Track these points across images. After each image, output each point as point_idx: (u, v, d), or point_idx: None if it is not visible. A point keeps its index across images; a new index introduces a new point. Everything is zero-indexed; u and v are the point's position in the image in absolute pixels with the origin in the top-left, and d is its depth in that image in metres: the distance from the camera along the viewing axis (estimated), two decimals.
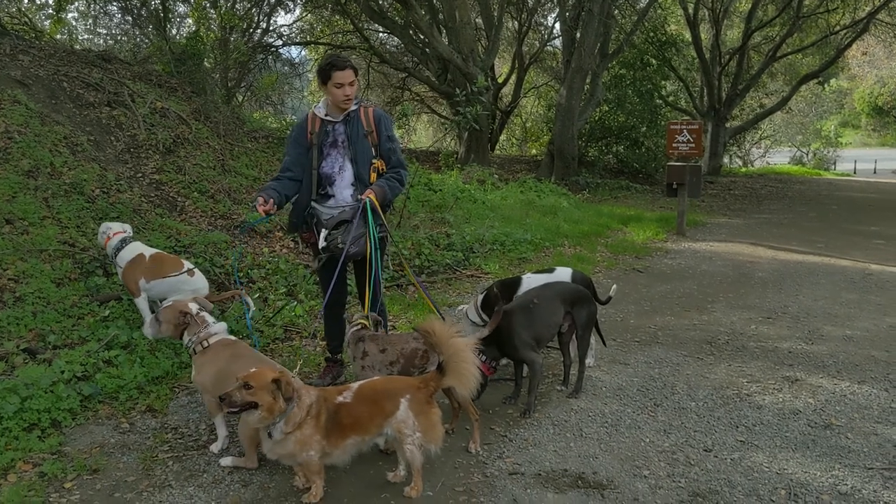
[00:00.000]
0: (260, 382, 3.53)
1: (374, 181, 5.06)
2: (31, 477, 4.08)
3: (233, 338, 4.52)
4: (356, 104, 5.11)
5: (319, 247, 5.08)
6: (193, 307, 4.49)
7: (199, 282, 6.03)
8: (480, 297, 5.77)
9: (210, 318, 4.51)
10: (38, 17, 17.46)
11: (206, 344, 4.35)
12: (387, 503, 3.88)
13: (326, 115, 5.11)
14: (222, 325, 4.54)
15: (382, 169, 5.13)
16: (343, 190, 5.09)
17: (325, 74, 5.00)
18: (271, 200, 4.90)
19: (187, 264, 6.10)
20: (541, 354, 5.25)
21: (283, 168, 5.22)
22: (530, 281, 6.03)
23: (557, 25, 25.10)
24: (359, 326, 4.71)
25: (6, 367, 5.15)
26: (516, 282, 6.02)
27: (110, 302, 6.42)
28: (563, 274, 6.19)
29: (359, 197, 4.97)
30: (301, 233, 5.31)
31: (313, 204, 5.13)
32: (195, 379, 4.40)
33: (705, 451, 4.52)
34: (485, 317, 5.62)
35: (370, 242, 4.96)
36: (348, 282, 5.61)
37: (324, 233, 5.01)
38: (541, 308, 5.18)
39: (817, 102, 48.10)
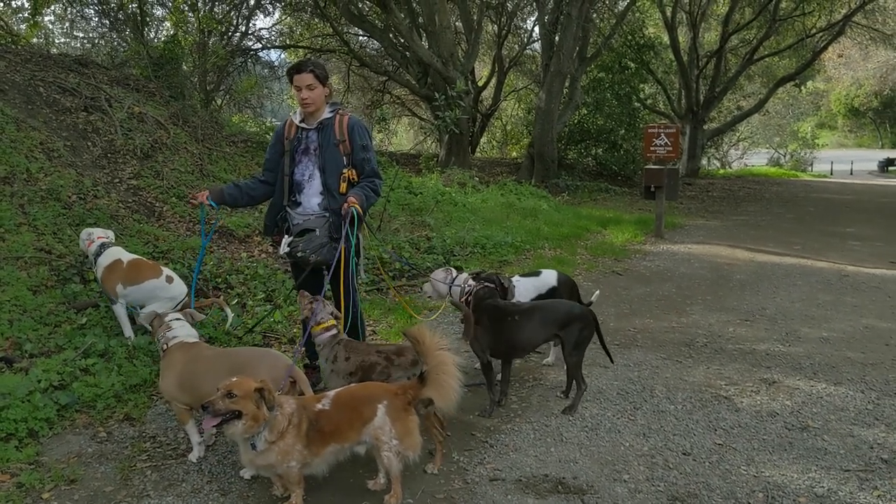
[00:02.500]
0: (243, 391, 3.51)
1: (343, 191, 5.00)
2: (9, 488, 4.04)
3: (192, 340, 4.48)
4: (331, 111, 5.10)
5: (281, 252, 5.11)
6: (171, 315, 4.49)
7: (178, 288, 5.98)
8: (470, 280, 5.67)
9: (177, 324, 4.49)
10: (13, 20, 17.27)
11: (165, 347, 4.34)
12: None
13: (301, 122, 5.11)
14: (186, 329, 4.50)
15: (354, 179, 5.06)
16: (311, 198, 5.09)
17: (289, 78, 5.10)
18: (205, 193, 5.10)
19: (166, 271, 6.05)
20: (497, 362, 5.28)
21: (265, 169, 5.32)
22: (519, 286, 6.04)
23: (537, 29, 25.21)
24: (334, 331, 4.69)
25: None
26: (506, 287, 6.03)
27: (87, 309, 6.37)
28: (549, 276, 6.22)
29: (342, 206, 4.91)
30: (274, 236, 5.32)
31: (286, 209, 5.15)
32: (160, 386, 4.40)
33: (684, 454, 4.55)
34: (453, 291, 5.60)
35: (352, 250, 4.98)
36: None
37: (286, 238, 5.03)
38: (517, 326, 5.14)
39: (794, 104, 48.65)
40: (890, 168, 44.67)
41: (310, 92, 4.96)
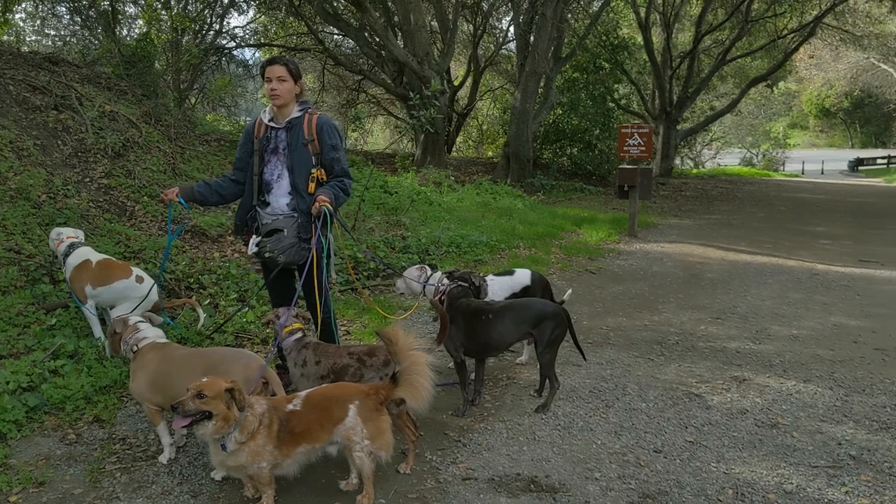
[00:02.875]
0: (213, 391, 3.49)
1: (311, 191, 4.97)
2: None
3: (163, 340, 4.45)
4: (300, 110, 5.07)
5: (249, 252, 5.09)
6: (132, 318, 4.46)
7: (146, 288, 5.92)
8: (445, 279, 5.70)
9: (144, 326, 4.46)
10: None
11: (135, 349, 4.31)
12: None
13: (270, 121, 5.08)
14: (154, 330, 4.48)
15: (323, 179, 5.03)
16: (279, 198, 5.06)
17: (261, 72, 5.11)
18: (174, 190, 5.11)
19: (136, 270, 5.99)
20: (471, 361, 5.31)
21: (234, 168, 5.33)
22: (493, 285, 6.06)
23: (512, 29, 25.28)
24: (300, 334, 4.67)
25: None
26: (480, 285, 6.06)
27: (57, 310, 6.29)
28: (523, 275, 6.25)
29: (312, 205, 4.88)
30: (244, 235, 5.28)
31: (256, 208, 5.12)
32: (131, 388, 4.35)
33: (655, 451, 4.58)
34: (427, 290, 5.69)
35: (323, 251, 4.96)
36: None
37: (254, 238, 5.00)
38: (490, 325, 5.15)
39: (766, 105, 49.17)
40: (860, 168, 45.38)
41: (280, 84, 4.94)
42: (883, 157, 47.46)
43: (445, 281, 5.62)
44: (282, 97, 4.98)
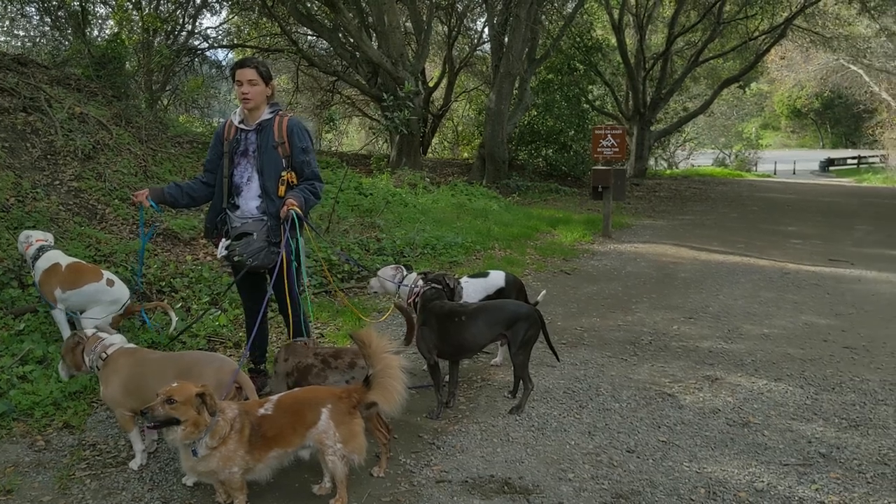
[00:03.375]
0: (183, 396, 3.45)
1: (281, 195, 4.93)
2: None
3: (132, 346, 4.42)
4: (271, 112, 5.03)
5: (219, 255, 5.05)
6: (89, 331, 4.43)
7: (119, 291, 5.85)
8: (420, 280, 5.71)
9: (104, 334, 4.42)
10: None
11: (104, 356, 4.26)
12: None
13: (240, 123, 5.04)
14: (118, 337, 4.45)
15: (293, 181, 4.99)
16: (249, 201, 5.01)
17: (231, 75, 5.08)
18: (144, 192, 5.01)
19: (107, 274, 5.92)
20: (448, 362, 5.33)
21: (204, 170, 5.27)
22: (468, 287, 6.07)
23: (486, 31, 25.31)
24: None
25: None
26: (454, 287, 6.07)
27: (25, 315, 6.21)
28: (497, 277, 6.26)
29: (281, 209, 4.85)
30: (214, 238, 5.23)
31: (226, 211, 5.07)
32: (103, 395, 4.29)
33: (628, 451, 4.60)
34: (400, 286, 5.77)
35: (292, 255, 4.94)
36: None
37: (224, 242, 4.96)
38: (463, 326, 5.15)
39: (738, 105, 49.67)
40: (830, 168, 45.98)
41: (251, 87, 4.89)
42: (853, 158, 48.17)
43: (420, 282, 5.62)
44: (253, 100, 4.93)
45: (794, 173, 42.97)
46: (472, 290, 6.11)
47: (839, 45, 30.91)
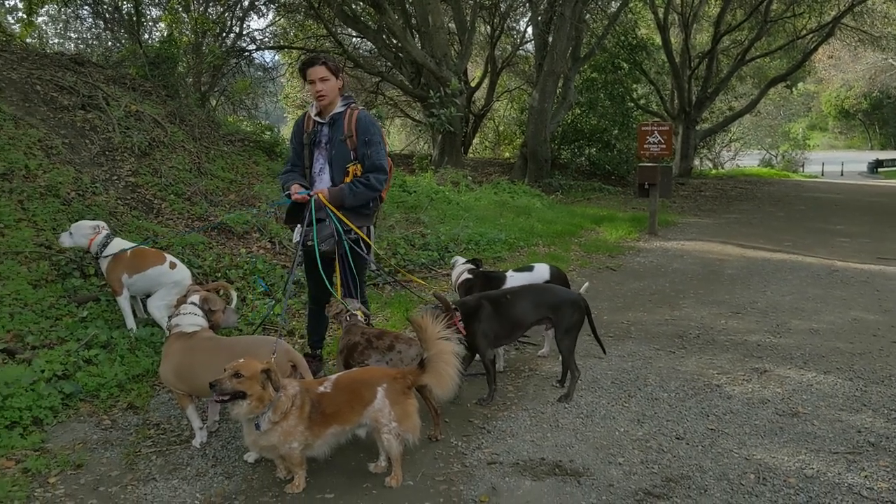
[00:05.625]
0: (250, 371, 3.61)
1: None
2: (15, 473, 4.12)
3: (191, 329, 4.49)
4: (343, 105, 5.18)
5: (294, 241, 5.19)
6: (194, 297, 4.59)
7: (180, 273, 6.07)
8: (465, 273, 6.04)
9: (187, 309, 4.54)
10: (6, 20, 17.30)
11: (168, 334, 4.45)
12: (369, 493, 3.96)
13: (316, 116, 5.20)
14: (188, 318, 4.51)
15: (358, 173, 5.14)
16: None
17: (301, 74, 5.19)
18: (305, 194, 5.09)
19: (169, 257, 6.14)
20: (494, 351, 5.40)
21: (290, 161, 5.45)
22: (513, 280, 6.21)
23: (530, 30, 25.35)
24: (354, 315, 4.88)
25: None
26: (501, 278, 6.26)
27: (88, 303, 6.43)
28: (542, 270, 6.37)
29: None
30: (291, 224, 5.37)
31: None
32: (159, 372, 4.47)
33: (677, 438, 4.65)
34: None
35: (343, 240, 5.11)
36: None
37: (299, 228, 5.10)
38: (511, 305, 5.27)
39: (785, 105, 48.92)
40: (879, 169, 45.02)
41: (324, 84, 5.06)
42: None
43: (465, 273, 5.87)
44: (327, 96, 5.11)
45: (841, 174, 42.17)
46: (517, 283, 6.22)
47: (888, 44, 30.34)
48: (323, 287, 5.24)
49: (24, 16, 15.12)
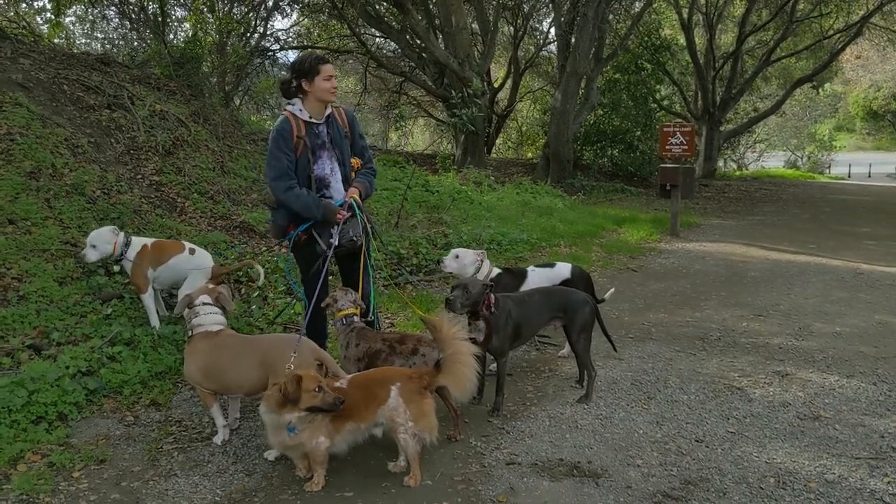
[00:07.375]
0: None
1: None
2: (40, 467, 4.19)
3: (216, 328, 4.48)
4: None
5: (334, 242, 5.03)
6: (202, 297, 4.59)
7: (200, 258, 6.22)
8: (495, 270, 6.14)
9: (205, 310, 4.53)
10: (35, 21, 17.53)
11: (190, 334, 4.47)
12: (387, 492, 3.99)
13: (310, 118, 5.08)
14: (210, 318, 4.50)
15: (358, 167, 5.30)
16: (340, 192, 5.17)
17: (313, 70, 4.96)
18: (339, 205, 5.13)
19: (188, 244, 6.25)
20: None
21: (286, 175, 4.96)
22: (534, 276, 6.26)
23: (552, 30, 25.30)
24: (353, 317, 4.84)
25: (12, 362, 5.24)
26: (523, 273, 6.33)
27: (112, 300, 6.52)
28: (563, 269, 6.38)
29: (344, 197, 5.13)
30: (288, 236, 5.21)
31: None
32: (184, 371, 4.51)
33: (697, 441, 4.63)
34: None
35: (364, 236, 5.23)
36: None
37: (336, 228, 5.01)
38: (528, 305, 5.28)
39: (811, 106, 48.30)
40: None
41: (335, 82, 5.13)
42: None
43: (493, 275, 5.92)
44: (335, 94, 5.17)
45: (868, 176, 41.63)
46: (538, 279, 6.25)
47: None
48: (326, 288, 5.26)
49: (52, 16, 15.29)
